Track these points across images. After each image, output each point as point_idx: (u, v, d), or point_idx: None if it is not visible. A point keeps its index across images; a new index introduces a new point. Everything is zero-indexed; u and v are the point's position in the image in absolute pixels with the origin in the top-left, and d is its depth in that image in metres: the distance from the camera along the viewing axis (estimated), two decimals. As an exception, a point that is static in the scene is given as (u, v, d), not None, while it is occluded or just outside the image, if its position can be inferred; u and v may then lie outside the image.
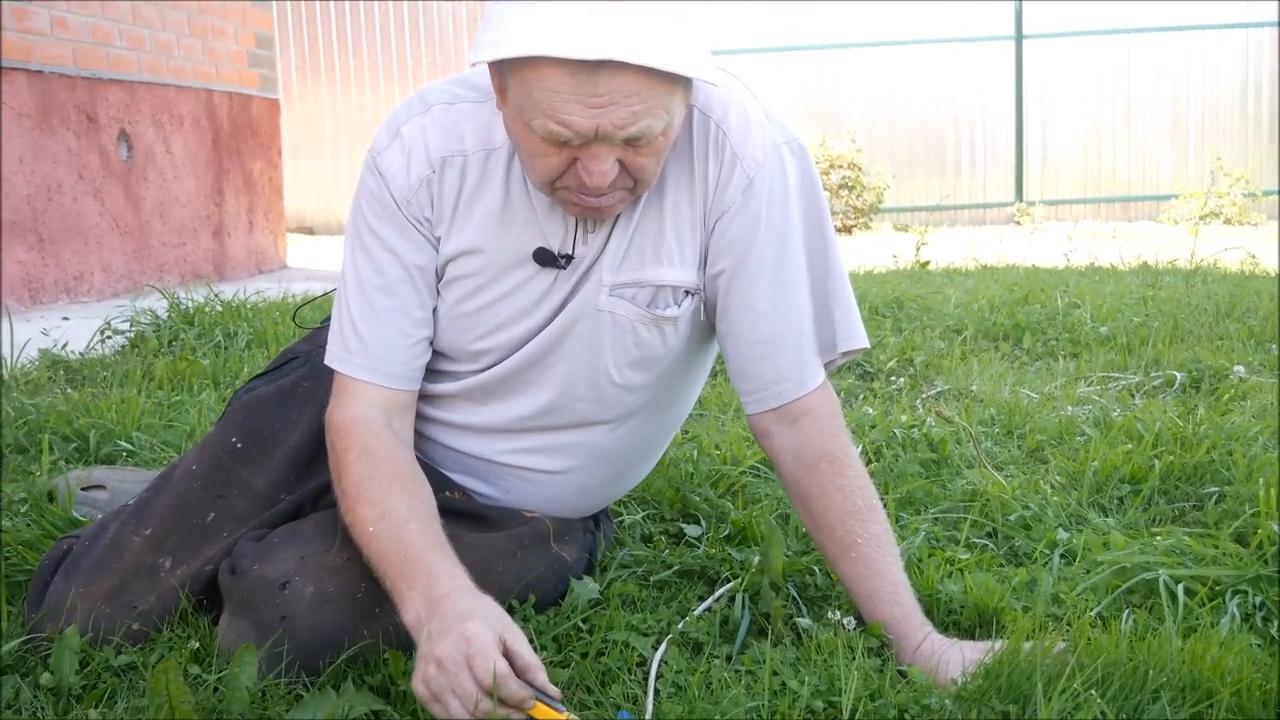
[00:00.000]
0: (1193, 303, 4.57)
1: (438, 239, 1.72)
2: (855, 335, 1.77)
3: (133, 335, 4.15)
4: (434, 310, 1.75)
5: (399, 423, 1.73)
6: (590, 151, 1.49)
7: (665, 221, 1.69)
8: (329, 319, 2.02)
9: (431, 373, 1.79)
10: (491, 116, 1.68)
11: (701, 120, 1.67)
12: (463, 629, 1.38)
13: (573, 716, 1.39)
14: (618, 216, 1.68)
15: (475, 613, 1.42)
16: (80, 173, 5.94)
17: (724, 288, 1.72)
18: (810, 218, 1.75)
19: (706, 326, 1.80)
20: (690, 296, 1.73)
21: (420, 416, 1.80)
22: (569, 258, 1.69)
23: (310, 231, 13.43)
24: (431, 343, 1.76)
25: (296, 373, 1.94)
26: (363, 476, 1.63)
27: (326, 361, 1.75)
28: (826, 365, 1.78)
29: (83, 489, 2.30)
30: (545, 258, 1.69)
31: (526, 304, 1.73)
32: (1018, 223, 12.40)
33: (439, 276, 1.74)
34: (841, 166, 11.79)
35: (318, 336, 2.00)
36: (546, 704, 1.38)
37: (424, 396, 1.79)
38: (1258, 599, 1.75)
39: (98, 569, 1.78)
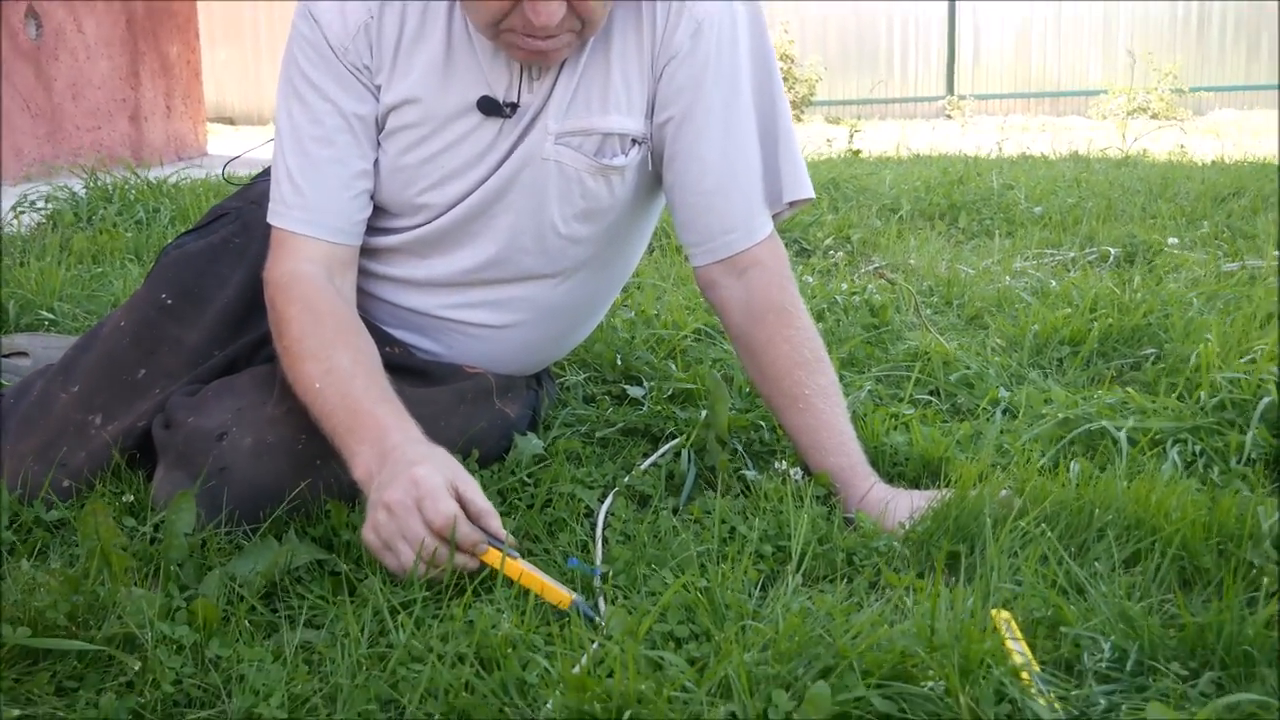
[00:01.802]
0: (1125, 185, 4.59)
1: (377, 88, 1.66)
2: (802, 185, 1.74)
3: (49, 212, 4.02)
4: (375, 163, 1.69)
5: (340, 279, 1.67)
6: (538, -10, 1.44)
7: (612, 68, 1.64)
8: (261, 174, 1.96)
9: (370, 228, 1.73)
10: (430, -40, 1.61)
11: (649, -38, 1.62)
12: (412, 474, 1.35)
13: (525, 564, 1.36)
14: (563, 63, 1.62)
15: (426, 459, 1.39)
16: (-12, 51, 5.72)
17: (671, 136, 1.68)
18: (759, 67, 1.71)
19: (653, 178, 1.76)
20: (637, 146, 1.69)
21: (359, 271, 1.74)
22: (514, 106, 1.64)
23: (231, 122, 13.13)
24: (373, 196, 1.71)
25: (227, 229, 1.87)
26: (305, 332, 1.57)
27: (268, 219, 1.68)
28: (774, 217, 1.75)
29: (4, 356, 2.23)
30: (490, 106, 1.64)
31: (471, 155, 1.67)
32: (948, 116, 12.41)
33: (379, 127, 1.68)
34: (773, 58, 11.67)
35: (249, 193, 1.93)
36: (499, 550, 1.36)
37: (363, 251, 1.73)
38: (1198, 447, 1.77)
39: (24, 426, 1.72)
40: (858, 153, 6.51)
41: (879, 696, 1.08)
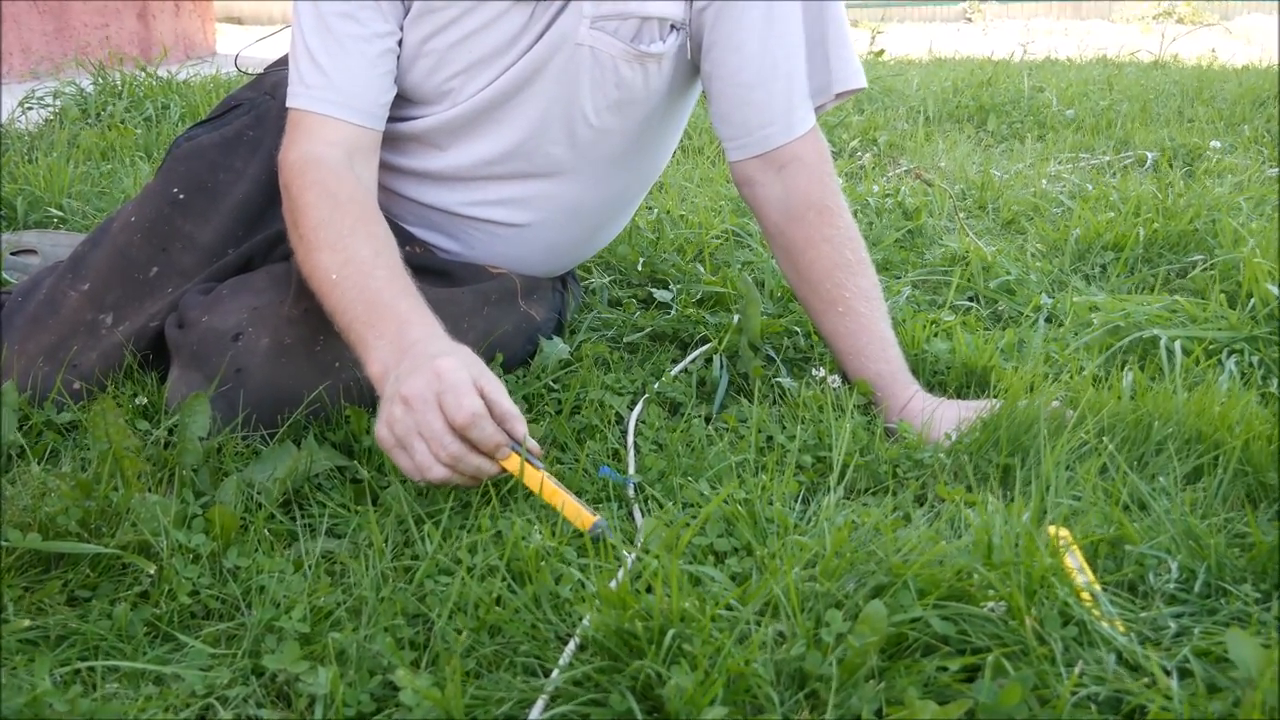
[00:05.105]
0: (1158, 88, 4.46)
1: None
2: (851, 75, 1.65)
3: (57, 108, 3.91)
4: (399, 43, 1.60)
5: (362, 166, 1.56)
6: None
7: None
8: (276, 63, 1.87)
9: (389, 115, 1.64)
10: None
11: None
12: (435, 366, 1.24)
13: (550, 477, 1.26)
14: (599, -59, 1.53)
15: (451, 353, 1.28)
16: (-8, -58, 5.58)
17: (710, 22, 1.59)
18: (803, -51, 1.61)
19: (690, 69, 1.67)
20: (676, 31, 1.60)
21: (378, 166, 1.65)
22: None
23: (239, 22, 12.91)
24: (396, 80, 1.61)
25: (240, 121, 1.78)
26: (323, 219, 1.46)
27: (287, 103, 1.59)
28: (819, 109, 1.66)
29: (12, 253, 2.16)
30: None
31: (503, 40, 1.58)
32: (969, 19, 12.15)
33: (405, 10, 1.59)
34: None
35: (262, 83, 1.84)
36: (523, 457, 1.27)
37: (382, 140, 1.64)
38: (1255, 358, 1.69)
39: (33, 325, 1.65)
40: (880, 53, 6.35)
41: (937, 617, 1.01)
